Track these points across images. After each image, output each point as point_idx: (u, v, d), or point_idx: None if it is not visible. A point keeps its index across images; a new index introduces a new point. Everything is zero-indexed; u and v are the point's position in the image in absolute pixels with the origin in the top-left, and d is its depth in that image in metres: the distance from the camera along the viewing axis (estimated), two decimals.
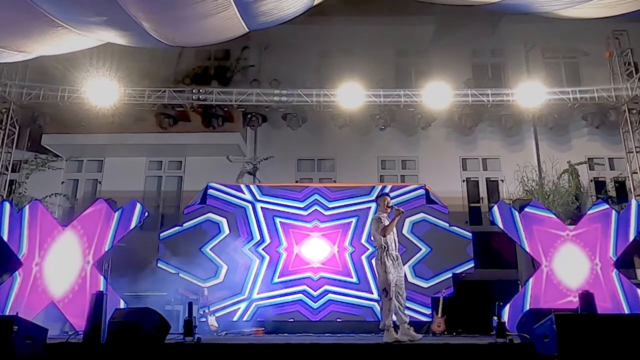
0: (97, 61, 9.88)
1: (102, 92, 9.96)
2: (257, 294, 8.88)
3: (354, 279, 8.99)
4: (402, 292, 6.10)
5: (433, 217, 9.12)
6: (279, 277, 9.00)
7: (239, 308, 8.80)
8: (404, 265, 6.49)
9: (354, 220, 9.25)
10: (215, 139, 11.02)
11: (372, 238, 6.50)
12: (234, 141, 11.17)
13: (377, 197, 6.52)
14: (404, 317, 5.98)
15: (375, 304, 8.52)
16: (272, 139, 11.69)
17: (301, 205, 9.34)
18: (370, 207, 9.13)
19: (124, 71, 10.12)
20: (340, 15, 10.96)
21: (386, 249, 6.11)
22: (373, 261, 7.02)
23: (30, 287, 8.26)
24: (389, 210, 6.32)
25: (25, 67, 10.44)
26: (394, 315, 5.93)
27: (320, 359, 5.07)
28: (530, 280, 8.48)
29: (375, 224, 6.29)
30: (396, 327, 5.98)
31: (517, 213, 8.75)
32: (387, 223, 6.20)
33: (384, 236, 6.16)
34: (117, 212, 8.73)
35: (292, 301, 8.89)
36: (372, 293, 8.78)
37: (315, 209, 9.31)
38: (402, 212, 6.21)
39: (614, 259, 8.49)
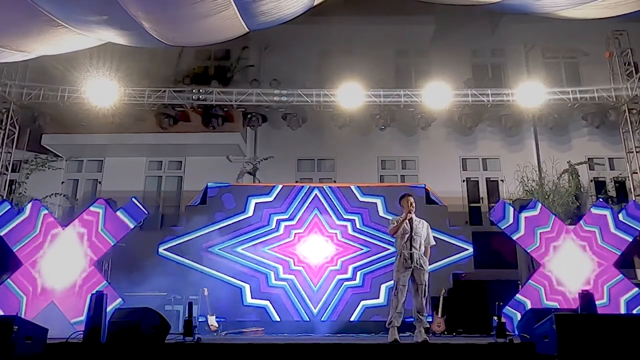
0: (97, 61, 9.90)
1: (102, 92, 9.96)
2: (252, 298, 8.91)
3: (357, 281, 9.00)
4: (417, 293, 5.97)
5: None
6: (275, 280, 9.00)
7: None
8: None
9: (356, 218, 9.29)
10: (215, 139, 11.02)
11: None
12: (234, 141, 11.17)
13: (400, 198, 6.40)
14: (417, 320, 5.88)
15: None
16: (272, 139, 11.69)
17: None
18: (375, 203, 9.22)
19: (124, 71, 10.12)
20: (340, 15, 10.95)
21: (400, 248, 6.08)
22: None
23: (30, 287, 8.26)
24: (412, 210, 6.15)
25: (25, 67, 10.44)
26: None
27: (320, 359, 5.07)
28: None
29: (389, 224, 6.27)
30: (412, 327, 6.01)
31: (516, 213, 8.74)
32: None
33: (392, 236, 6.21)
34: (117, 212, 8.73)
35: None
36: (378, 298, 8.80)
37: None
38: (410, 215, 6.09)
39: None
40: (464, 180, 11.57)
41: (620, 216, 8.62)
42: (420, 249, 6.09)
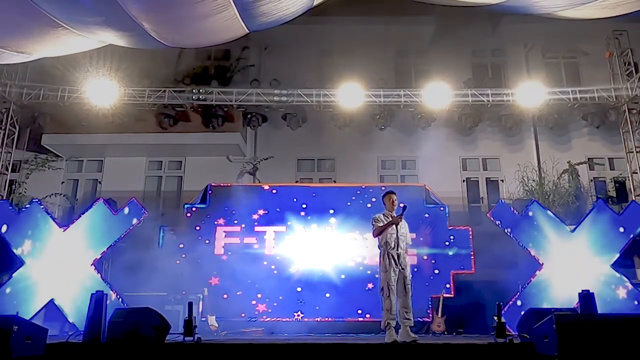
0: (97, 61, 9.89)
1: (102, 92, 9.97)
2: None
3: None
4: (404, 293, 5.94)
5: None
6: None
7: None
8: None
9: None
10: (215, 139, 11.02)
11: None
12: (234, 141, 11.17)
13: (383, 195, 6.35)
14: (404, 319, 5.85)
15: None
16: (272, 139, 11.68)
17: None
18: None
19: (124, 71, 10.13)
20: (340, 15, 10.94)
21: (386, 248, 6.03)
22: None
23: (30, 286, 8.26)
24: (394, 207, 6.12)
25: (25, 67, 10.42)
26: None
27: (320, 359, 5.07)
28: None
29: (373, 223, 6.16)
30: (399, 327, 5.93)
31: (517, 213, 8.74)
32: (382, 224, 6.07)
33: (376, 237, 6.10)
34: (117, 212, 8.73)
35: None
36: None
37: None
38: (399, 220, 6.00)
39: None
40: (464, 180, 11.57)
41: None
42: (405, 249, 6.09)
